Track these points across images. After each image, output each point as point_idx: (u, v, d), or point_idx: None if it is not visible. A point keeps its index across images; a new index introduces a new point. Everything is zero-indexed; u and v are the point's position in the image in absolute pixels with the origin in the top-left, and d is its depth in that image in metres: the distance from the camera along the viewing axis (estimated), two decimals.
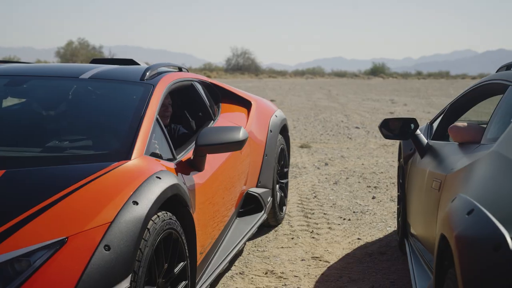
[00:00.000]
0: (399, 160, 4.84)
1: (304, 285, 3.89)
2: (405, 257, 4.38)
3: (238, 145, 3.31)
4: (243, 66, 68.60)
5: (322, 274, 4.10)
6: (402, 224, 4.28)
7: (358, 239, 4.87)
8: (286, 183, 5.55)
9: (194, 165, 3.33)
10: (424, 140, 3.81)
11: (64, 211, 2.39)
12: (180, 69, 4.28)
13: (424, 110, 17.87)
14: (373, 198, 6.27)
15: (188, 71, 4.42)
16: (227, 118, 4.48)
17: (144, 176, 2.70)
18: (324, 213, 5.64)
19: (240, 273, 4.10)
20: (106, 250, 2.29)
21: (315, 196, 6.34)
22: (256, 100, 5.12)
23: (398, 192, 4.86)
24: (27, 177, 2.63)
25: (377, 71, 69.76)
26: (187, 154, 3.45)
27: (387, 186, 6.86)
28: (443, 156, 3.14)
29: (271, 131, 5.01)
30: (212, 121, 4.20)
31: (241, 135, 3.32)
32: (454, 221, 1.74)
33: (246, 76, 55.32)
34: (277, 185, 5.15)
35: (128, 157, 2.85)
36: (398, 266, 4.21)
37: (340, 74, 70.07)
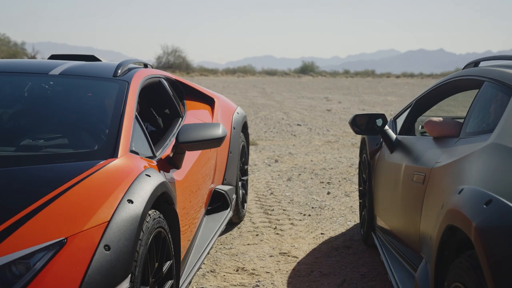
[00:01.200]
0: (360, 155, 4.94)
1: (277, 281, 3.91)
2: (371, 250, 4.49)
3: (218, 141, 3.29)
4: (174, 64, 67.99)
5: (293, 269, 4.13)
6: (368, 217, 4.37)
7: (322, 234, 4.94)
8: (247, 180, 5.56)
9: (173, 162, 3.28)
10: (393, 135, 3.90)
11: (59, 211, 2.30)
12: (145, 66, 4.20)
13: (359, 108, 18.28)
14: (328, 193, 6.37)
15: (152, 68, 4.34)
16: (194, 115, 4.44)
17: (134, 174, 2.64)
18: (284, 209, 5.69)
19: (211, 271, 4.07)
20: (106, 250, 2.22)
21: (272, 193, 6.37)
22: (218, 97, 5.10)
23: (360, 186, 4.96)
24: (16, 176, 2.51)
25: (306, 69, 70.84)
26: (165, 151, 3.39)
27: (339, 181, 6.99)
28: (420, 151, 3.22)
29: (234, 128, 5.00)
30: (181, 119, 4.15)
31: (220, 131, 3.30)
32: (470, 212, 1.80)
33: (178, 74, 54.78)
34: (239, 182, 5.15)
35: (114, 155, 2.78)
36: (366, 259, 4.30)
37: (271, 73, 70.68)
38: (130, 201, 2.44)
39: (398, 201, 3.38)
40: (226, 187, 4.66)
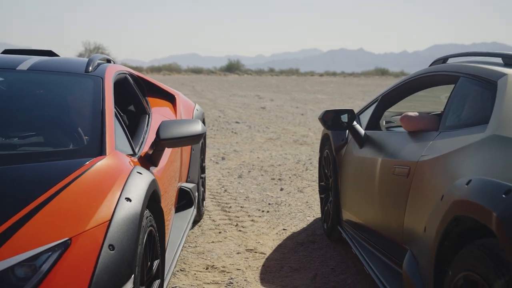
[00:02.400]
0: (322, 151, 5.01)
1: (250, 277, 3.91)
2: (336, 244, 4.56)
3: (198, 138, 3.24)
4: None
5: (263, 265, 4.13)
6: (334, 212, 4.43)
7: (284, 229, 4.97)
8: (204, 178, 5.52)
9: (152, 160, 3.22)
10: (362, 130, 3.98)
11: (58, 211, 2.21)
12: (108, 61, 4.08)
13: (292, 105, 18.53)
14: (281, 189, 6.42)
15: (115, 63, 4.22)
16: (158, 112, 4.35)
17: (127, 172, 2.57)
18: (241, 206, 5.68)
19: (181, 270, 4.02)
20: (111, 250, 2.16)
21: (225, 190, 6.35)
22: (178, 94, 5.03)
23: (321, 182, 5.02)
24: (7, 175, 2.38)
25: (232, 68, 70.94)
26: (143, 149, 3.32)
27: (290, 178, 7.06)
28: (398, 145, 3.30)
29: None
30: (147, 115, 4.06)
31: (201, 128, 3.26)
32: (489, 202, 1.86)
33: None
34: (200, 180, 5.11)
35: (102, 152, 2.69)
36: (332, 253, 4.37)
37: (197, 71, 70.31)
38: (128, 199, 2.37)
39: (375, 194, 3.44)
40: (190, 185, 4.61)
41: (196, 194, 4.78)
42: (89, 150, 2.69)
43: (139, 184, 2.52)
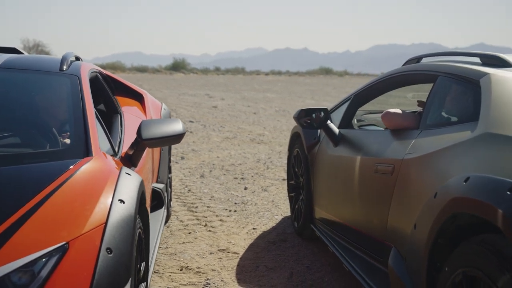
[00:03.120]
0: (291, 150, 5.02)
1: (226, 278, 3.88)
2: (307, 243, 4.58)
3: (180, 137, 3.19)
4: None
5: (238, 265, 4.11)
6: (306, 210, 4.45)
7: (254, 229, 4.96)
8: (171, 178, 5.45)
9: (132, 160, 3.15)
10: (336, 129, 4.01)
11: (51, 214, 2.13)
12: (77, 59, 3.97)
13: (244, 104, 18.53)
14: (246, 189, 6.40)
15: (82, 61, 4.11)
16: (129, 111, 4.27)
17: (116, 173, 2.50)
18: (208, 206, 5.64)
19: (155, 271, 3.95)
20: (109, 254, 2.10)
21: (189, 190, 6.29)
22: (145, 93, 4.94)
23: (290, 180, 5.03)
24: None
25: (178, 66, 70.30)
26: (122, 149, 3.24)
27: (252, 177, 7.05)
28: (378, 143, 3.33)
29: None
30: (119, 115, 3.97)
31: (182, 127, 3.21)
32: (493, 199, 1.90)
33: None
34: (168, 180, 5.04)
35: (89, 153, 2.61)
36: (305, 252, 4.39)
37: (142, 69, 69.36)
38: (122, 201, 2.31)
39: (353, 193, 3.47)
40: (160, 185, 4.54)
41: (166, 194, 4.71)
42: (75, 151, 2.61)
43: (129, 185, 2.46)
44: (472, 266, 2.04)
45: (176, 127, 3.18)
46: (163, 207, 4.49)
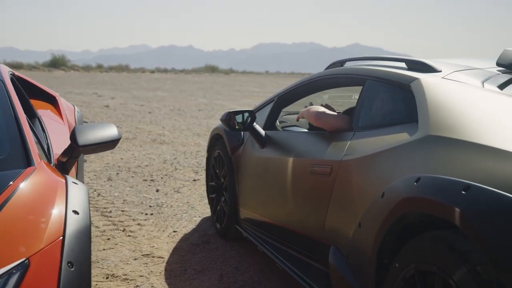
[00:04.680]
0: (211, 151, 5.01)
1: (156, 283, 3.81)
2: (232, 243, 4.61)
3: (115, 143, 3.10)
4: None
5: (166, 270, 4.06)
6: (231, 212, 4.47)
7: (174, 231, 4.91)
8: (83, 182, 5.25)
9: (65, 168, 3.02)
10: (262, 130, 4.07)
11: (6, 229, 1.99)
12: None
13: (136, 103, 18.20)
14: (157, 191, 6.31)
15: None
16: (45, 115, 4.07)
17: (62, 183, 2.39)
18: (122, 210, 5.50)
19: None
20: (70, 268, 2.00)
21: (99, 194, 6.10)
22: (57, 95, 4.73)
23: (211, 182, 5.02)
24: None
25: (57, 63, 67.39)
26: (53, 156, 3.10)
27: (162, 178, 6.96)
28: (313, 144, 3.40)
29: None
30: (37, 119, 3.77)
31: (117, 132, 3.13)
32: (449, 199, 2.01)
33: None
34: None
35: (30, 163, 2.47)
36: (230, 253, 4.41)
37: (16, 66, 65.79)
38: (76, 212, 2.21)
39: (287, 193, 3.52)
40: None
41: None
42: (15, 161, 2.45)
43: (79, 195, 2.36)
44: (426, 262, 2.17)
45: (112, 132, 3.08)
46: None
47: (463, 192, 2.01)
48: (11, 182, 2.23)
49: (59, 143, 3.44)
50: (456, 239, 2.04)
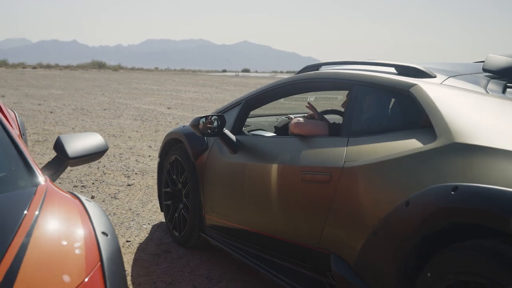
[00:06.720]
0: (165, 156, 4.80)
1: None
2: (193, 252, 4.44)
3: (103, 153, 2.88)
4: None
5: (134, 284, 3.81)
6: (195, 219, 4.29)
7: (128, 241, 4.66)
8: None
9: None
10: (233, 135, 3.93)
11: (41, 260, 1.76)
12: None
13: (32, 103, 17.21)
14: (93, 197, 5.97)
15: None
16: None
17: (79, 201, 2.17)
18: None
19: None
20: None
21: None
22: None
23: (166, 188, 4.79)
24: None
25: None
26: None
27: (93, 183, 6.59)
28: (297, 150, 3.31)
29: (23, 134, 4.33)
30: None
31: (104, 141, 2.90)
32: (498, 208, 2.04)
33: None
34: None
35: (38, 181, 2.21)
36: (196, 261, 4.25)
37: None
38: (105, 234, 2.01)
39: (271, 201, 3.40)
40: None
41: None
42: (22, 180, 2.19)
43: (100, 215, 2.14)
44: (470, 272, 2.15)
45: (99, 141, 2.86)
46: None
47: None
48: (27, 206, 1.98)
49: None
50: (505, 248, 2.05)
